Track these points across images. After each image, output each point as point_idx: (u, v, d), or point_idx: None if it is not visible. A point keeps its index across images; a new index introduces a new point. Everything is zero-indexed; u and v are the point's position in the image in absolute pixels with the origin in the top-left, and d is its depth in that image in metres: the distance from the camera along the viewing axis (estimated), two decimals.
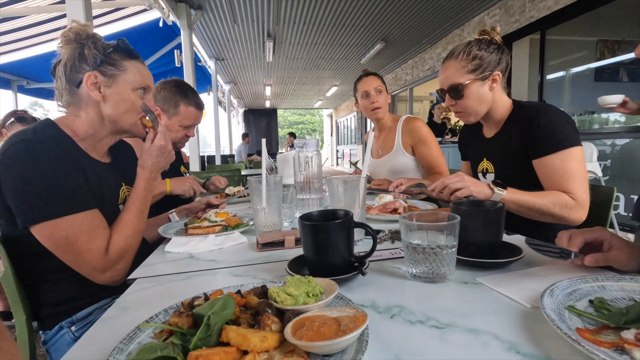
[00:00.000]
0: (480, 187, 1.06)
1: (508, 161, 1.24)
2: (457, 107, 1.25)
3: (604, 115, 4.34)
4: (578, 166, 1.09)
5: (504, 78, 1.23)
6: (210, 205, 1.41)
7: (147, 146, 1.03)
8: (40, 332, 0.98)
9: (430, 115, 7.04)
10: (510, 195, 1.07)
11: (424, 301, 0.61)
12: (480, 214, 0.78)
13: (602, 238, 0.72)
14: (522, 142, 1.18)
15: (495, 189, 1.07)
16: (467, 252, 0.74)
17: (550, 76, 4.93)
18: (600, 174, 3.57)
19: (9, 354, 0.34)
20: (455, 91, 1.22)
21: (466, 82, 1.19)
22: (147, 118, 1.03)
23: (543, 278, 0.68)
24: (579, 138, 1.10)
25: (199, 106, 1.72)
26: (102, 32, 4.88)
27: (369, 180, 1.84)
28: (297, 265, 0.75)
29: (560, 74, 4.88)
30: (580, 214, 1.08)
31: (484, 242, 0.76)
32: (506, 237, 0.94)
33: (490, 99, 1.22)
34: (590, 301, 0.55)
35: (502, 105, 1.25)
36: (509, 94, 1.28)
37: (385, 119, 1.97)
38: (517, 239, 0.96)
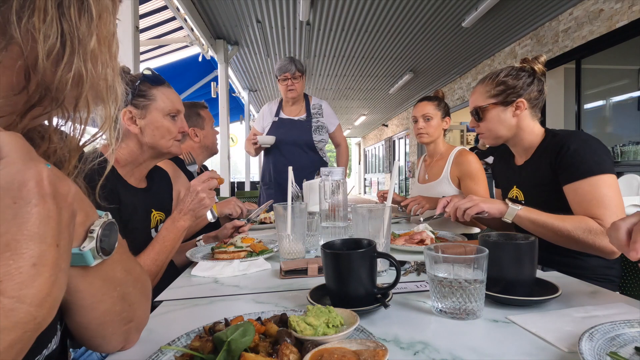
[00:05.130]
0: (492, 204, 1.09)
1: (538, 189, 1.21)
2: (480, 129, 1.29)
3: None
4: (610, 193, 1.03)
5: (534, 106, 1.22)
6: (237, 227, 1.43)
7: (194, 185, 1.05)
8: (71, 350, 1.01)
9: (476, 141, 7.06)
10: (527, 213, 1.04)
11: (450, 339, 0.58)
12: (510, 247, 0.75)
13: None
14: (552, 169, 1.14)
15: (510, 204, 1.04)
16: (497, 288, 0.71)
17: (588, 105, 4.74)
18: None
19: None
20: (477, 114, 1.27)
21: (485, 106, 1.24)
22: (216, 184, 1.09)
23: (582, 320, 0.63)
24: (612, 167, 1.05)
25: (203, 106, 1.90)
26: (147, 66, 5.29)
27: (398, 201, 1.82)
28: (319, 295, 0.74)
29: (600, 103, 4.68)
30: None
31: (516, 278, 0.72)
32: (541, 274, 0.89)
33: (513, 125, 1.22)
34: (637, 348, 0.51)
35: (531, 132, 1.23)
36: (542, 123, 1.26)
37: (438, 146, 1.96)
38: (554, 276, 0.90)
